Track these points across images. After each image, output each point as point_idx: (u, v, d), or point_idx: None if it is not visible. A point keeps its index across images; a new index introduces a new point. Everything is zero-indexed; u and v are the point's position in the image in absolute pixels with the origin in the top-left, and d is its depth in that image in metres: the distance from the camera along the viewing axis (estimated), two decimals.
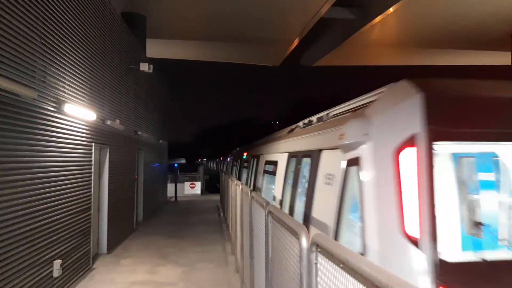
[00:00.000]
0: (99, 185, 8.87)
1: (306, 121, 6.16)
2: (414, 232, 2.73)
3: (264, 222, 3.50)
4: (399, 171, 2.90)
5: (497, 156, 3.04)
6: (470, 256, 2.77)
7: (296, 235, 2.31)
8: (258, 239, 4.07)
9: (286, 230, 2.64)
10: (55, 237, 6.03)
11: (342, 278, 1.63)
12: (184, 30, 20.98)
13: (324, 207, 4.03)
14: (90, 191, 7.81)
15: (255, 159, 10.05)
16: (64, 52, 6.37)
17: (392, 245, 2.80)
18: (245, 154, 13.22)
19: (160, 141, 18.23)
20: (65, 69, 6.43)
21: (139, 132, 12.77)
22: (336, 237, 3.51)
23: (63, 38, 6.33)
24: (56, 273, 5.95)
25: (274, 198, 6.68)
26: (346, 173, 3.48)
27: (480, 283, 2.71)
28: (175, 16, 18.72)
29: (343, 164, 3.53)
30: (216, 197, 21.69)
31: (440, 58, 29.56)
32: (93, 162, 7.96)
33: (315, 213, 4.32)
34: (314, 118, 5.81)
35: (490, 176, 3.01)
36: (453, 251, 2.75)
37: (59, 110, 6.15)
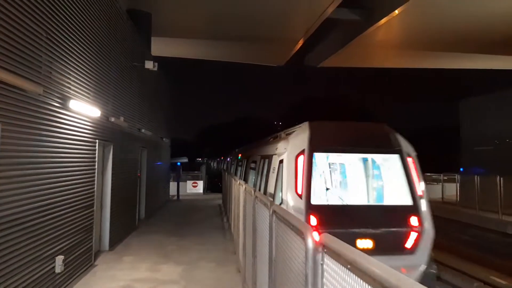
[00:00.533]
0: (102, 182, 8.87)
1: (270, 138, 10.49)
2: (300, 192, 6.38)
3: (268, 221, 3.48)
4: (297, 166, 6.58)
5: (341, 157, 6.84)
6: (322, 202, 6.45)
7: (301, 235, 2.29)
8: (262, 238, 4.05)
9: (291, 230, 2.62)
10: (57, 233, 6.03)
11: (349, 279, 1.61)
12: (189, 28, 20.98)
13: (271, 183, 7.67)
14: (93, 188, 7.81)
15: (245, 159, 13.59)
16: (69, 48, 6.37)
17: (293, 197, 6.42)
18: (239, 155, 16.77)
19: (163, 139, 18.24)
20: (70, 65, 6.44)
21: (143, 130, 12.78)
22: (274, 196, 7.15)
23: (69, 34, 6.33)
24: (58, 269, 5.96)
25: (254, 184, 9.91)
26: (278, 167, 7.20)
27: (325, 212, 6.30)
28: (180, 14, 18.72)
29: (277, 162, 7.32)
30: (218, 196, 21.68)
31: (445, 62, 29.44)
32: (96, 159, 7.96)
33: (268, 186, 7.99)
34: (273, 136, 10.10)
35: (336, 167, 6.80)
36: (315, 199, 6.37)
37: (64, 106, 6.15)
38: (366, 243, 6.17)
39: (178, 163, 23.01)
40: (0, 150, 4.47)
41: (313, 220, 6.18)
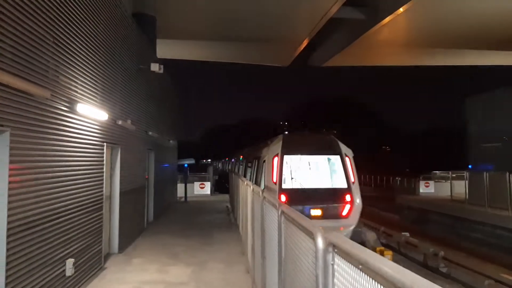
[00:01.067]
0: (110, 185, 8.92)
1: (260, 144, 14.08)
2: (275, 180, 10.18)
3: (277, 222, 3.48)
4: (273, 164, 10.37)
5: (302, 158, 10.68)
6: (289, 186, 10.23)
7: (311, 235, 2.28)
8: (270, 239, 4.05)
9: (301, 231, 2.62)
10: (67, 236, 6.07)
11: (361, 279, 1.60)
12: (193, 30, 21.04)
13: (260, 176, 11.37)
14: (102, 191, 7.86)
15: (245, 160, 17.54)
16: (76, 52, 6.41)
17: (270, 184, 10.25)
18: (241, 156, 20.61)
19: (170, 141, 18.30)
20: (77, 69, 6.48)
21: (150, 133, 12.83)
22: (260, 183, 10.99)
23: (75, 38, 6.38)
24: (68, 272, 6.00)
25: (250, 178, 13.37)
26: (263, 164, 11.15)
27: (291, 193, 9.99)
28: (185, 17, 18.80)
29: (262, 162, 11.38)
30: (226, 198, 21.70)
31: (450, 59, 29.24)
32: (105, 162, 8.01)
33: (258, 178, 11.52)
34: (263, 143, 13.52)
35: (299, 164, 10.57)
36: (285, 185, 10.16)
37: (71, 110, 6.20)
38: (317, 212, 9.84)
39: (185, 165, 23.07)
40: (10, 155, 4.51)
41: (283, 198, 9.73)
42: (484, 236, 14.69)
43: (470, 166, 24.10)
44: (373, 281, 1.47)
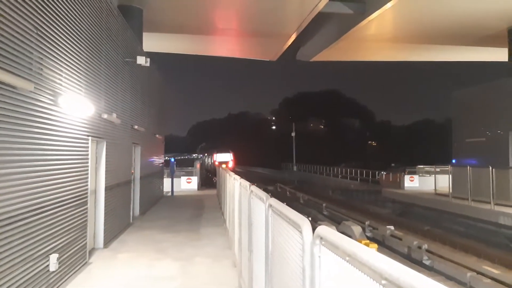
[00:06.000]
0: (95, 179, 8.81)
1: (212, 148, 54.18)
2: (215, 160, 46.50)
3: (264, 215, 3.48)
4: (213, 156, 49.59)
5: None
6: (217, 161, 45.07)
7: (298, 228, 2.28)
8: (257, 232, 4.05)
9: (288, 223, 2.61)
10: (51, 231, 5.98)
11: (348, 271, 1.61)
12: (181, 23, 20.82)
13: (210, 159, 50.42)
14: (87, 185, 7.75)
15: (209, 155, 52.06)
16: (60, 44, 6.29)
17: (212, 161, 48.23)
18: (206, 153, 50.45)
19: (157, 135, 18.15)
20: (61, 61, 6.36)
21: (136, 126, 12.70)
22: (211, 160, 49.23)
23: (59, 29, 6.25)
24: (52, 267, 5.92)
25: (207, 160, 47.87)
26: (211, 156, 51.05)
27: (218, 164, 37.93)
28: (172, 10, 18.57)
29: (211, 154, 52.72)
30: (213, 193, 21.66)
31: (437, 54, 29.57)
32: (89, 156, 7.90)
33: (209, 159, 49.94)
34: (213, 149, 52.80)
35: (220, 156, 48.90)
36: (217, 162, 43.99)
37: (55, 102, 6.08)
38: (223, 164, 30.42)
39: (172, 159, 22.91)
40: None
41: (217, 163, 38.83)
42: (467, 229, 14.98)
43: (454, 161, 24.49)
44: (360, 272, 1.47)
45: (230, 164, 44.68)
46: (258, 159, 70.64)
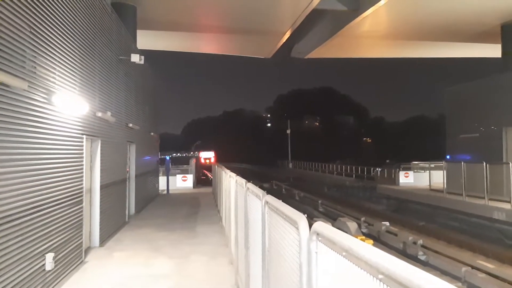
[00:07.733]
0: (90, 178, 8.78)
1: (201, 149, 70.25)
2: (200, 158, 60.24)
3: (261, 212, 3.48)
4: (199, 154, 65.87)
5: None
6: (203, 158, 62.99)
7: (295, 224, 2.29)
8: (254, 229, 4.05)
9: (284, 220, 2.62)
10: (47, 230, 5.96)
11: (345, 266, 1.62)
12: (174, 21, 20.74)
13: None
14: (82, 184, 7.72)
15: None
16: (54, 42, 6.24)
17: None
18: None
19: (152, 133, 18.10)
20: (55, 59, 6.31)
21: (130, 125, 12.65)
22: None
23: (53, 27, 6.20)
24: (48, 266, 5.90)
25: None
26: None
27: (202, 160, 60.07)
28: (166, 7, 18.50)
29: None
30: (209, 191, 21.65)
31: (430, 51, 29.68)
32: (84, 155, 7.86)
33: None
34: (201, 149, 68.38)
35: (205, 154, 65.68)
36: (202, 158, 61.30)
37: (49, 101, 6.04)
38: (207, 160, 61.01)
39: (167, 157, 22.85)
40: None
41: (202, 160, 58.73)
42: (462, 224, 15.09)
43: (448, 157, 24.63)
44: (357, 267, 1.48)
45: (213, 160, 60.18)
46: (253, 157, 70.79)
